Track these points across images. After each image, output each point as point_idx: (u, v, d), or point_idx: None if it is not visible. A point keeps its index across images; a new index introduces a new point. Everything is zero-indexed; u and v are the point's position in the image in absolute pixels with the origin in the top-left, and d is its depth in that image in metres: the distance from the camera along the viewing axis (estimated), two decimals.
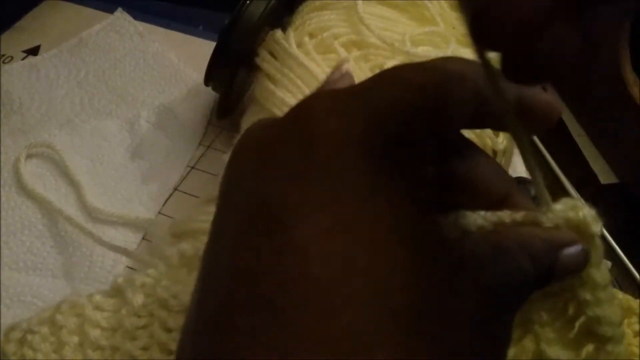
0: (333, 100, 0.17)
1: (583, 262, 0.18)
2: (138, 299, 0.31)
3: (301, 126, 0.17)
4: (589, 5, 0.13)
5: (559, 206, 0.19)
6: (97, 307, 0.32)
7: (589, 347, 0.19)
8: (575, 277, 0.18)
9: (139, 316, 0.31)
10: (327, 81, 0.24)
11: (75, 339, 0.31)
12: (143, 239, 0.45)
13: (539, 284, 0.18)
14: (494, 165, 0.20)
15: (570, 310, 0.19)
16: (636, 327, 0.34)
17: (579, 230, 0.18)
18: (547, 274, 0.18)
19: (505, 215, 0.18)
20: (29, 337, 0.31)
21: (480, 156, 0.20)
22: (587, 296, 0.18)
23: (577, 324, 0.19)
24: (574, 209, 0.19)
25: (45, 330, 0.31)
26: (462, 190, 0.19)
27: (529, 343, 0.19)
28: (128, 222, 0.45)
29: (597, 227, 0.19)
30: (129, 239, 0.44)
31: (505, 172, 0.20)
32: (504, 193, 0.19)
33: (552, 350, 0.18)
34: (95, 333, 0.31)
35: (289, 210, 0.15)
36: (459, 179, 0.19)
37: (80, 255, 0.43)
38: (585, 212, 0.19)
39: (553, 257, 0.18)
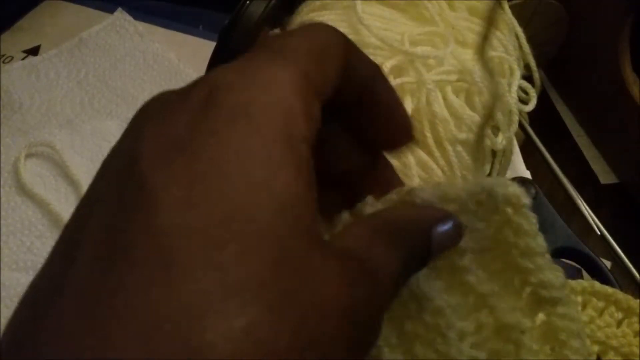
0: (238, 74, 0.16)
1: (457, 237, 0.19)
2: None
3: (203, 94, 0.16)
4: None
5: (488, 180, 0.19)
6: None
7: (541, 314, 0.19)
8: (513, 248, 0.19)
9: None
10: None
11: None
12: None
13: (417, 264, 0.18)
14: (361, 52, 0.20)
15: (516, 281, 0.19)
16: (636, 327, 0.34)
17: (510, 203, 0.19)
18: (423, 253, 0.18)
19: (383, 200, 0.19)
20: None
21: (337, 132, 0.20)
22: (528, 264, 0.19)
23: (524, 294, 0.19)
24: (502, 185, 0.19)
25: None
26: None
27: (485, 318, 0.19)
28: None
29: (526, 199, 0.19)
30: None
31: (367, 59, 0.20)
32: (372, 72, 0.19)
33: (512, 317, 0.19)
34: None
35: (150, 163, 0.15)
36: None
37: None
38: (512, 189, 0.19)
39: (425, 237, 0.18)
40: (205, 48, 0.48)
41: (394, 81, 0.39)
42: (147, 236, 0.14)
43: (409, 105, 0.39)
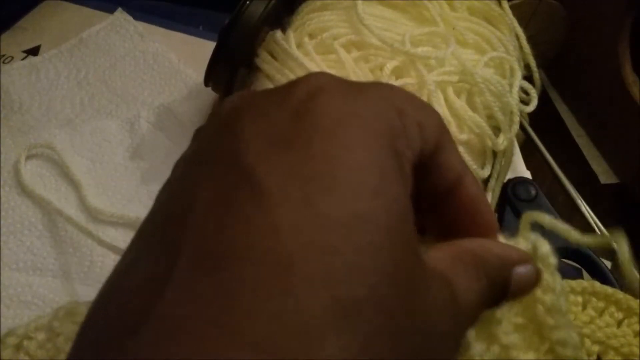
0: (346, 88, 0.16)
1: (534, 281, 0.19)
2: None
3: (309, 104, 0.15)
4: None
5: (520, 244, 0.20)
6: None
7: None
8: (539, 304, 0.20)
9: None
10: None
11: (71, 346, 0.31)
12: None
13: (494, 300, 0.18)
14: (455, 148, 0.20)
15: (536, 336, 0.20)
16: (636, 327, 0.34)
17: (542, 261, 0.20)
18: (502, 292, 0.18)
19: None
20: (26, 343, 0.31)
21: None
22: (550, 320, 0.20)
23: (542, 349, 0.20)
24: (535, 244, 0.20)
25: (42, 336, 0.31)
26: (427, 169, 0.19)
27: None
28: (128, 222, 0.45)
29: (554, 260, 0.20)
30: (129, 239, 0.44)
31: (459, 155, 0.20)
32: (457, 176, 0.19)
33: None
34: None
35: (267, 179, 0.14)
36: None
37: (80, 255, 0.43)
38: (545, 248, 0.20)
39: (506, 275, 0.18)
40: (205, 48, 0.48)
41: (395, 82, 0.39)
42: (263, 236, 0.13)
43: None
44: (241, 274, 0.13)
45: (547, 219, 0.21)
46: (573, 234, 0.21)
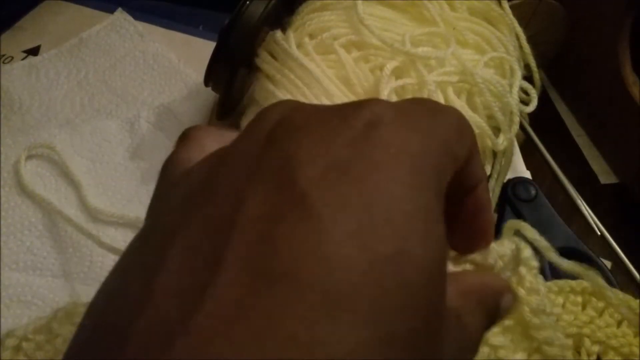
0: (401, 113, 0.16)
1: (511, 305, 0.20)
2: None
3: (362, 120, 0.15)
4: None
5: (504, 247, 0.21)
6: None
7: None
8: (525, 305, 0.21)
9: None
10: None
11: None
12: None
13: (489, 328, 0.19)
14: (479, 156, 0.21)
15: (524, 336, 0.22)
16: (636, 327, 0.34)
17: (525, 265, 0.21)
18: (494, 319, 0.19)
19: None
20: (24, 344, 0.31)
21: None
22: (535, 320, 0.21)
23: (530, 349, 0.22)
24: (518, 247, 0.21)
25: (40, 338, 0.31)
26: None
27: None
28: (128, 222, 0.45)
29: (536, 263, 0.21)
30: (129, 239, 0.44)
31: (481, 160, 0.21)
32: (476, 181, 0.19)
33: None
34: None
35: (320, 201, 0.14)
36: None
37: (80, 255, 0.43)
38: (527, 252, 0.21)
39: (498, 305, 0.19)
40: (205, 48, 0.48)
41: (395, 83, 0.39)
42: (313, 265, 0.13)
43: None
44: (288, 299, 0.13)
45: (530, 232, 0.22)
46: (551, 255, 0.22)
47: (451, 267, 0.20)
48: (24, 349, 0.31)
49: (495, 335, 0.21)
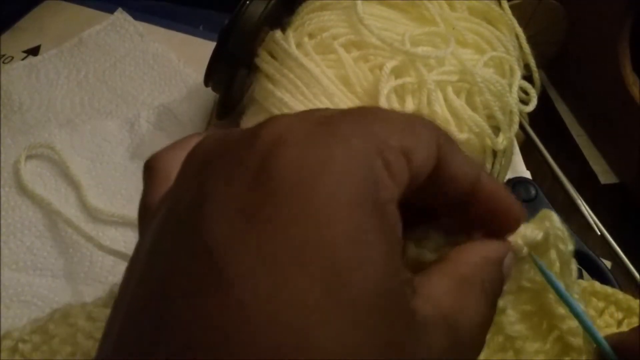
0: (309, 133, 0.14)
1: (512, 265, 0.19)
2: None
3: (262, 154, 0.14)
4: None
5: (530, 231, 0.19)
6: (90, 318, 0.32)
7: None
8: (550, 293, 0.20)
9: None
10: None
11: (67, 349, 0.31)
12: None
13: (496, 302, 0.18)
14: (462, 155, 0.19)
15: (545, 325, 0.20)
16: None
17: (556, 247, 0.20)
18: (500, 290, 0.18)
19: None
20: (21, 345, 0.31)
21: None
22: (561, 310, 0.20)
23: (550, 338, 0.20)
24: (547, 233, 0.19)
25: (37, 339, 0.31)
26: (433, 184, 0.18)
27: (511, 357, 0.20)
28: (128, 222, 0.45)
29: (571, 246, 0.20)
30: (129, 239, 0.44)
31: (471, 159, 0.19)
32: (471, 181, 0.18)
33: None
34: (88, 344, 0.30)
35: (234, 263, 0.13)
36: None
37: (80, 255, 0.43)
38: (560, 234, 0.20)
39: (501, 273, 0.18)
40: (205, 48, 0.48)
41: (395, 82, 0.39)
42: (233, 331, 0.12)
43: (409, 105, 0.39)
44: None
45: (558, 223, 0.20)
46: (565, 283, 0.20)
47: None
48: (20, 350, 0.31)
49: (512, 325, 0.19)
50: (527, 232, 0.19)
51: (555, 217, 0.20)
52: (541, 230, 0.19)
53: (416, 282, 0.16)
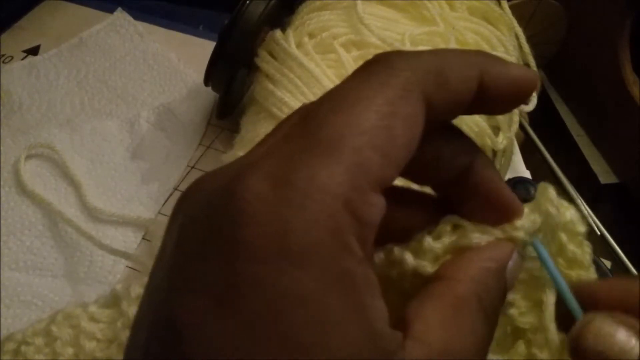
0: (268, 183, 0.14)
1: (521, 264, 0.18)
2: (133, 311, 0.31)
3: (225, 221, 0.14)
4: None
5: (531, 216, 0.18)
6: (93, 319, 0.32)
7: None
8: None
9: None
10: None
11: (70, 350, 0.31)
12: (143, 238, 0.45)
13: (498, 314, 0.18)
14: (456, 137, 0.18)
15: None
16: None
17: (566, 230, 0.18)
18: (503, 297, 0.17)
19: (438, 236, 0.18)
20: (24, 348, 0.31)
21: (440, 132, 0.18)
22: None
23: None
24: (548, 214, 0.18)
25: (39, 341, 0.31)
26: (423, 168, 0.17)
27: (521, 346, 0.19)
28: (128, 222, 0.45)
29: (582, 227, 0.19)
30: (129, 238, 0.44)
31: (468, 140, 0.18)
32: (467, 162, 0.18)
33: (543, 355, 0.19)
34: (90, 345, 0.30)
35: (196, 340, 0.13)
36: (420, 159, 0.17)
37: (80, 255, 0.43)
38: (569, 214, 0.18)
39: (504, 281, 0.17)
40: (205, 48, 0.48)
41: None
42: None
43: None
44: None
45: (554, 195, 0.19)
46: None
47: (479, 237, 0.18)
48: (22, 352, 0.31)
49: (522, 316, 0.19)
50: (525, 223, 0.18)
51: (553, 193, 0.18)
52: (541, 214, 0.18)
53: (408, 315, 0.16)
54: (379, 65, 0.15)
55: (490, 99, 0.17)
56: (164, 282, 0.14)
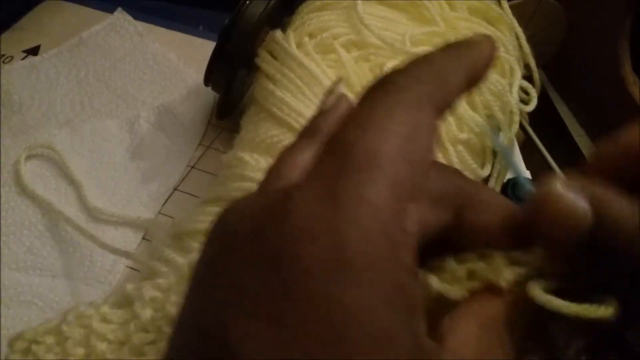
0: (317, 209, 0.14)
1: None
2: (147, 314, 0.30)
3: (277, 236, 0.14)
4: None
5: None
6: (105, 319, 0.31)
7: None
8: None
9: (147, 331, 0.30)
10: (322, 107, 0.22)
11: (80, 350, 0.30)
12: (143, 238, 0.45)
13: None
14: (510, 209, 0.19)
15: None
16: None
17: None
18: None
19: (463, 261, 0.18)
20: (34, 347, 0.31)
21: (495, 203, 0.19)
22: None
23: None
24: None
25: (50, 340, 0.31)
26: (477, 238, 0.18)
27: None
28: (128, 222, 0.45)
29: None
30: (129, 239, 0.44)
31: (502, 198, 0.19)
32: (506, 219, 0.18)
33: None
34: (102, 346, 0.30)
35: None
36: (472, 228, 0.18)
37: (80, 254, 0.43)
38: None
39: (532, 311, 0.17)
40: (205, 48, 0.49)
41: None
42: None
43: None
44: None
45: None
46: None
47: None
48: (33, 351, 0.31)
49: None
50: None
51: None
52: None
53: (443, 329, 0.16)
54: (391, 85, 0.16)
55: (475, 80, 0.18)
56: (213, 311, 0.14)
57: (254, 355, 0.13)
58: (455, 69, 0.17)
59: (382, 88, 0.16)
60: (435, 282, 0.18)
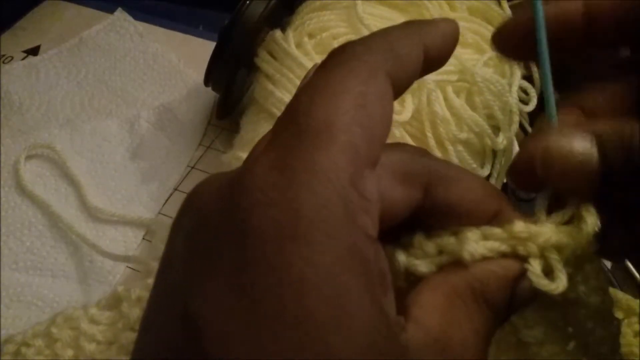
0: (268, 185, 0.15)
1: (533, 295, 0.18)
2: (134, 313, 0.31)
3: (235, 212, 0.14)
4: None
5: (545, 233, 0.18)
6: (93, 321, 0.32)
7: None
8: (581, 309, 0.18)
9: (134, 330, 0.31)
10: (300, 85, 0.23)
11: (70, 352, 0.31)
12: (143, 239, 0.45)
13: (500, 322, 0.17)
14: (482, 185, 0.19)
15: (570, 329, 0.19)
16: (636, 327, 0.34)
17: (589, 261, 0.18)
18: (506, 311, 0.17)
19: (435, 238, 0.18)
20: (24, 349, 0.31)
21: (465, 179, 0.19)
22: (590, 324, 0.18)
23: (569, 347, 0.19)
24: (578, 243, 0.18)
25: (40, 343, 0.31)
26: (449, 215, 0.18)
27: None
28: (128, 222, 0.45)
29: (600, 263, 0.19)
30: (129, 239, 0.44)
31: (495, 189, 0.19)
32: (494, 210, 0.18)
33: None
34: (90, 347, 0.30)
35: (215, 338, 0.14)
36: (444, 206, 0.18)
37: (80, 255, 0.43)
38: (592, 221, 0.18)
39: (509, 293, 0.17)
40: (205, 48, 0.48)
41: None
42: None
43: (409, 105, 0.39)
44: None
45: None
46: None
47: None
48: (23, 354, 0.31)
49: (529, 329, 0.18)
50: (541, 240, 0.17)
51: (594, 220, 0.18)
52: (571, 239, 0.18)
53: (409, 301, 0.16)
54: (344, 55, 0.17)
55: (433, 58, 0.19)
56: (178, 278, 0.15)
57: (219, 329, 0.13)
58: (410, 42, 0.18)
59: (336, 58, 0.17)
60: (402, 256, 0.18)
